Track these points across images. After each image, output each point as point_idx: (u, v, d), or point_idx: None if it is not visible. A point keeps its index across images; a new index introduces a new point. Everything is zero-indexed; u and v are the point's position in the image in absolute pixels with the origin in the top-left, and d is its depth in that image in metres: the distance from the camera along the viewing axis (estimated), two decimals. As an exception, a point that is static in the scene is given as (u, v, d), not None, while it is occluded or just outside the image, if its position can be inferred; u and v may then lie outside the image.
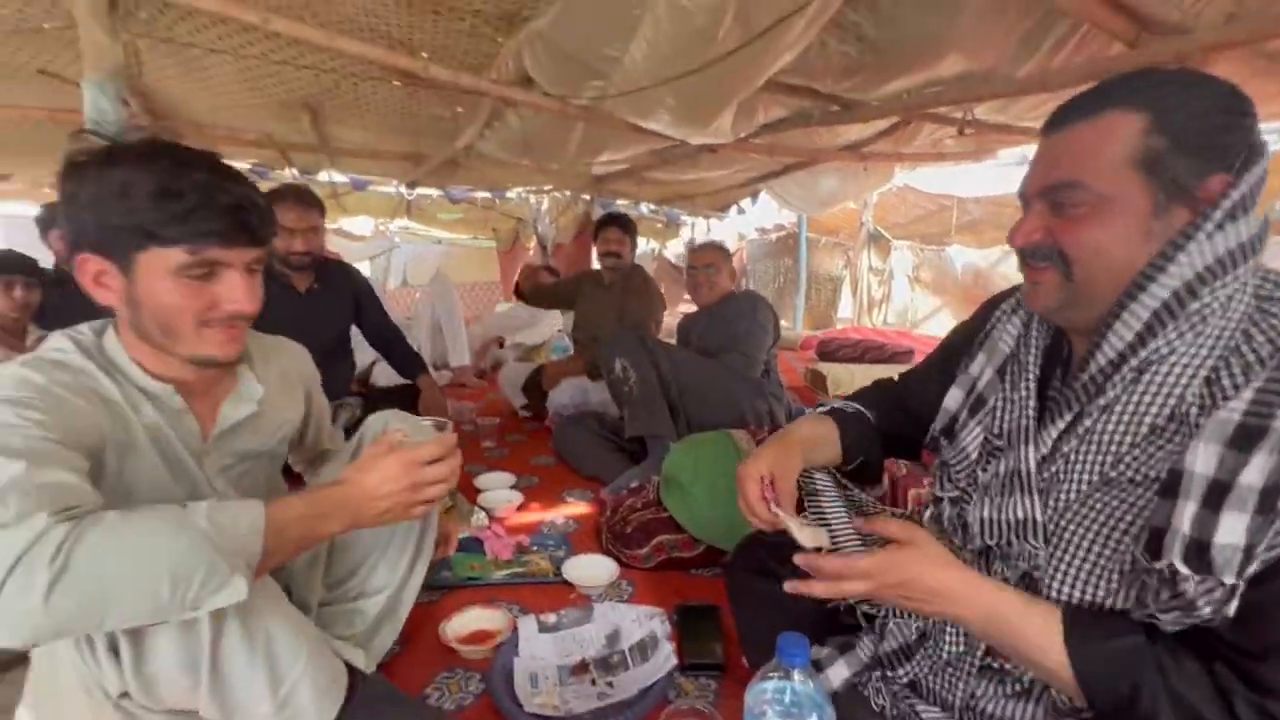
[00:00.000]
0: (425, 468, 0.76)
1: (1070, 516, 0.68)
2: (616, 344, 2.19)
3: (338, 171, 5.72)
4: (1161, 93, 0.64)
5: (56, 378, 0.75)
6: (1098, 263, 0.67)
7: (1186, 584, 0.57)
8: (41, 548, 0.55)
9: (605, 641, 1.07)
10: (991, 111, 3.07)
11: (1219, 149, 0.63)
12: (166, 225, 0.74)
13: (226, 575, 0.61)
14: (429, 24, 2.42)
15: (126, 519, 0.60)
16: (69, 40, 2.77)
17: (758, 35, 1.93)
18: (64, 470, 0.64)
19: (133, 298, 0.78)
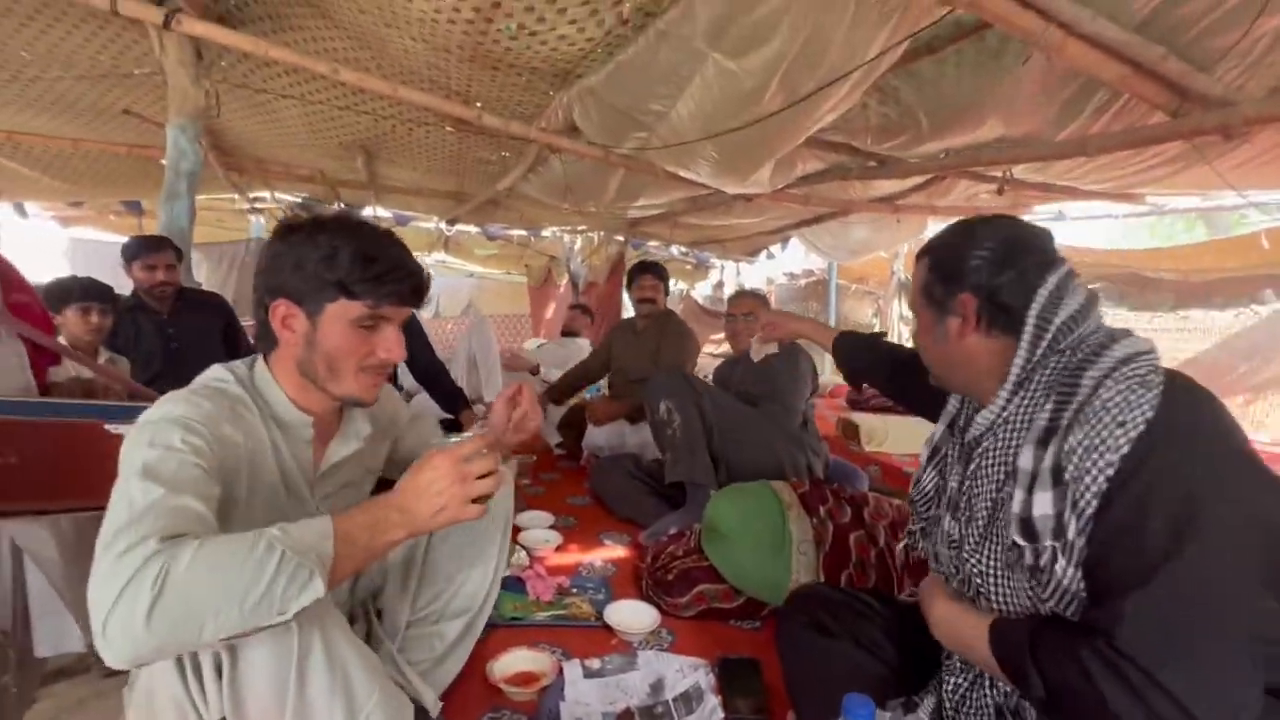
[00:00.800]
0: (469, 463, 0.79)
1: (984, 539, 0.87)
2: (663, 385, 2.15)
3: (383, 207, 5.98)
4: (937, 242, 0.96)
5: (220, 404, 0.85)
6: (925, 358, 0.99)
7: (1026, 554, 0.78)
8: (144, 574, 0.61)
9: (649, 690, 1.07)
10: (1029, 170, 3.11)
11: (958, 273, 0.90)
12: (361, 283, 0.87)
13: (305, 576, 0.67)
14: (487, 78, 2.56)
15: (210, 540, 0.66)
16: (154, 84, 3.00)
17: (801, 99, 2.02)
18: (195, 498, 0.71)
19: (311, 340, 0.89)
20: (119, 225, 6.63)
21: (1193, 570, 0.68)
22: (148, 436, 0.76)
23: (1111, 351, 0.80)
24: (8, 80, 2.84)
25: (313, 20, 2.47)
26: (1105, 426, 0.73)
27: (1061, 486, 0.75)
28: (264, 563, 0.65)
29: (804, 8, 1.61)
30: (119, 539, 0.64)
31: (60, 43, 2.59)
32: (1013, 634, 0.79)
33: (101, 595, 0.61)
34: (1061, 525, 0.75)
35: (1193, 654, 0.66)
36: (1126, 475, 0.71)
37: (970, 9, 1.48)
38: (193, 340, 2.49)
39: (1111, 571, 0.72)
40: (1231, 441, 0.75)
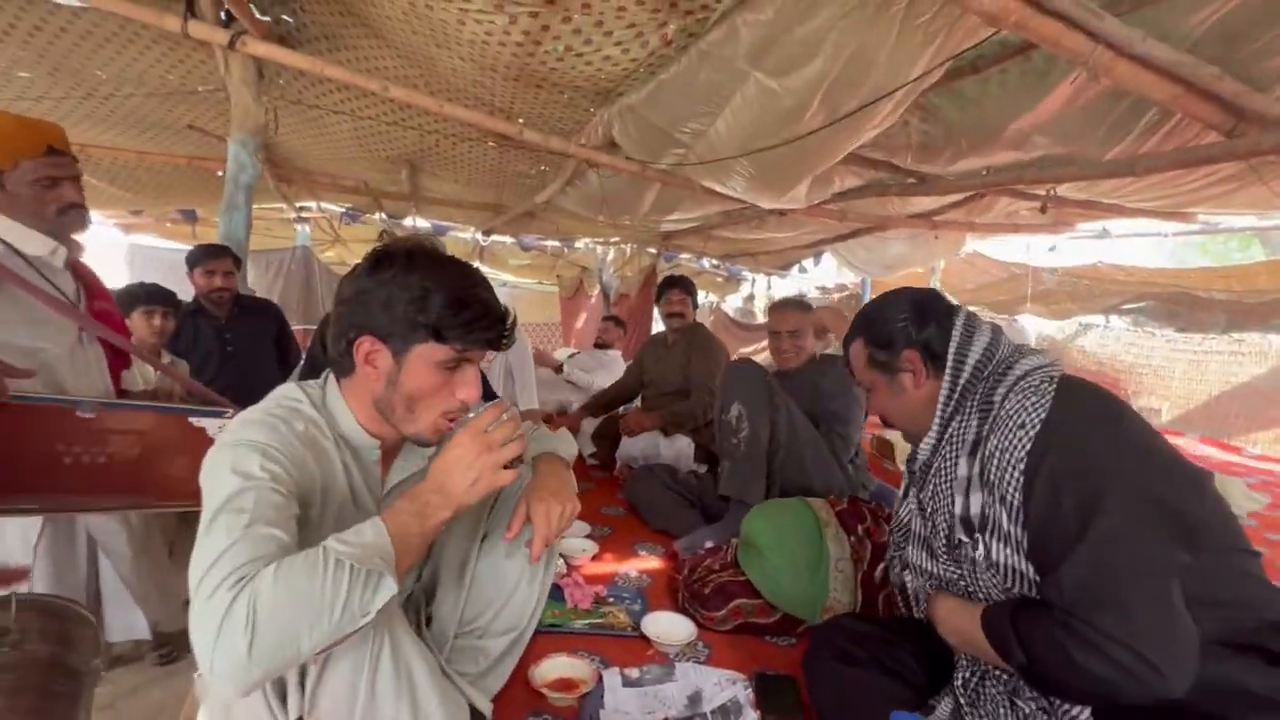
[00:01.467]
0: (491, 432, 0.82)
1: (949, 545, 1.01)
2: (739, 385, 1.93)
3: (422, 218, 6.14)
4: (866, 320, 1.17)
5: (295, 428, 0.87)
6: (890, 415, 1.17)
7: (967, 547, 0.95)
8: (234, 614, 0.65)
9: (687, 702, 1.09)
10: (1074, 188, 3.06)
11: (893, 336, 1.11)
12: (452, 329, 0.88)
13: (376, 579, 0.70)
14: (530, 96, 2.63)
15: (282, 569, 0.68)
16: (216, 101, 3.16)
17: (842, 117, 2.03)
18: (276, 526, 0.74)
19: (394, 379, 0.90)
20: (174, 232, 6.95)
21: (1105, 534, 0.80)
22: (229, 462, 0.79)
23: (1014, 370, 0.98)
24: (83, 97, 3.02)
25: (366, 40, 2.58)
26: (1010, 431, 0.90)
27: (989, 487, 0.91)
28: (337, 579, 0.69)
29: (848, 28, 1.63)
30: (206, 580, 0.68)
31: (133, 63, 2.75)
32: (998, 615, 0.91)
33: (202, 640, 0.65)
34: (986, 519, 0.92)
35: (1122, 601, 0.78)
36: (1034, 469, 0.87)
37: (1017, 30, 1.48)
38: (247, 344, 2.60)
39: (1047, 551, 0.86)
40: (1120, 426, 0.88)
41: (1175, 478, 0.86)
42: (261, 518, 0.74)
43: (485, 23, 1.92)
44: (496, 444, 0.82)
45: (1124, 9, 1.61)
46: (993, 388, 0.99)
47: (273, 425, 0.85)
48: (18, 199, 1.24)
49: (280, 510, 0.76)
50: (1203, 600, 0.80)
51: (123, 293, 2.27)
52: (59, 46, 2.56)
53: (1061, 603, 0.82)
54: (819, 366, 2.17)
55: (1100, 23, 1.46)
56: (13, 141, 1.22)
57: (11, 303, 1.20)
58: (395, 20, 2.20)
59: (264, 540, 0.72)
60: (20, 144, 1.22)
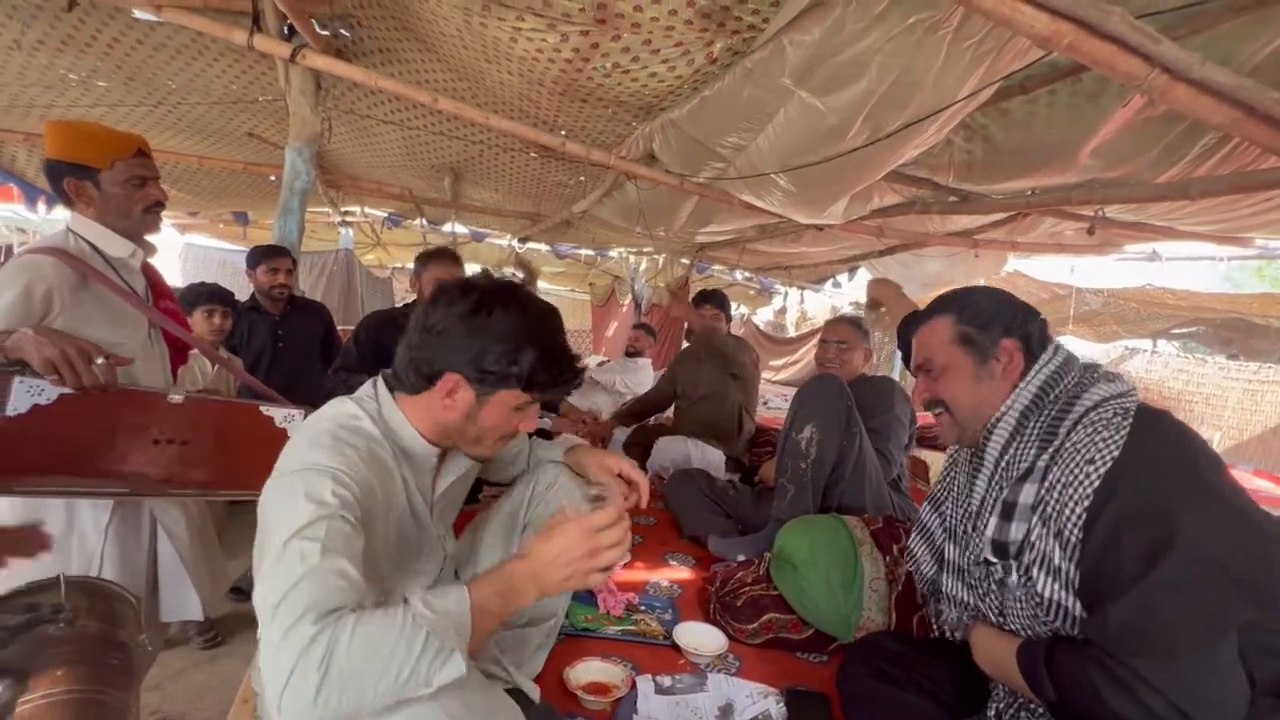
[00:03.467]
0: (600, 534, 0.82)
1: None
2: (818, 397, 1.81)
3: (461, 224, 6.29)
4: (957, 300, 1.09)
5: (359, 447, 0.89)
6: (957, 402, 1.06)
7: (996, 569, 0.95)
8: (310, 655, 0.66)
9: (719, 713, 1.09)
10: (1123, 209, 2.99)
11: (996, 320, 1.04)
12: (542, 383, 0.94)
13: (447, 653, 0.72)
14: (575, 109, 2.69)
15: (368, 620, 0.70)
16: (274, 110, 3.31)
17: (885, 136, 2.03)
18: (345, 558, 0.76)
19: (472, 415, 0.95)
20: (226, 233, 7.26)
21: (1162, 583, 0.76)
22: (301, 488, 0.80)
23: (1083, 398, 0.93)
24: (154, 105, 3.20)
25: (419, 54, 2.67)
26: (1078, 465, 0.86)
27: (1046, 520, 0.88)
28: (412, 641, 0.70)
29: (894, 50, 1.63)
30: (282, 611, 0.70)
31: (200, 74, 2.90)
32: (1034, 652, 0.89)
33: (274, 672, 0.67)
34: (1025, 547, 0.90)
35: (1167, 649, 0.75)
36: (1099, 508, 0.83)
37: (1069, 53, 1.46)
38: (298, 341, 2.71)
39: (1099, 589, 0.83)
40: (1195, 470, 0.83)
41: (1246, 534, 0.80)
42: (334, 549, 0.75)
43: (537, 40, 1.98)
44: (602, 548, 0.83)
45: (1181, 34, 1.58)
46: (1059, 415, 0.94)
47: (339, 448, 0.86)
48: (110, 198, 1.32)
49: (349, 542, 0.79)
50: (1262, 649, 0.77)
51: (186, 291, 2.40)
52: (135, 57, 2.72)
53: (1103, 641, 0.79)
54: (864, 383, 2.13)
55: (1157, 46, 1.43)
56: (109, 145, 1.31)
57: (95, 300, 1.29)
58: (448, 36, 2.28)
59: (337, 574, 0.74)
60: (115, 147, 1.32)
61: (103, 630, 0.70)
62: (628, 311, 8.72)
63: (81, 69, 2.83)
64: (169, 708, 1.84)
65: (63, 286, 1.23)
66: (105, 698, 0.65)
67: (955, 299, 1.10)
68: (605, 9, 1.76)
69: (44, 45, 2.58)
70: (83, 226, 1.33)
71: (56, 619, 0.67)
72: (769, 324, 10.67)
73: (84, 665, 0.65)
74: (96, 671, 0.65)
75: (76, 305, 1.25)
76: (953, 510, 1.13)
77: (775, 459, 2.01)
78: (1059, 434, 0.92)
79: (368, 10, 2.44)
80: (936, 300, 1.13)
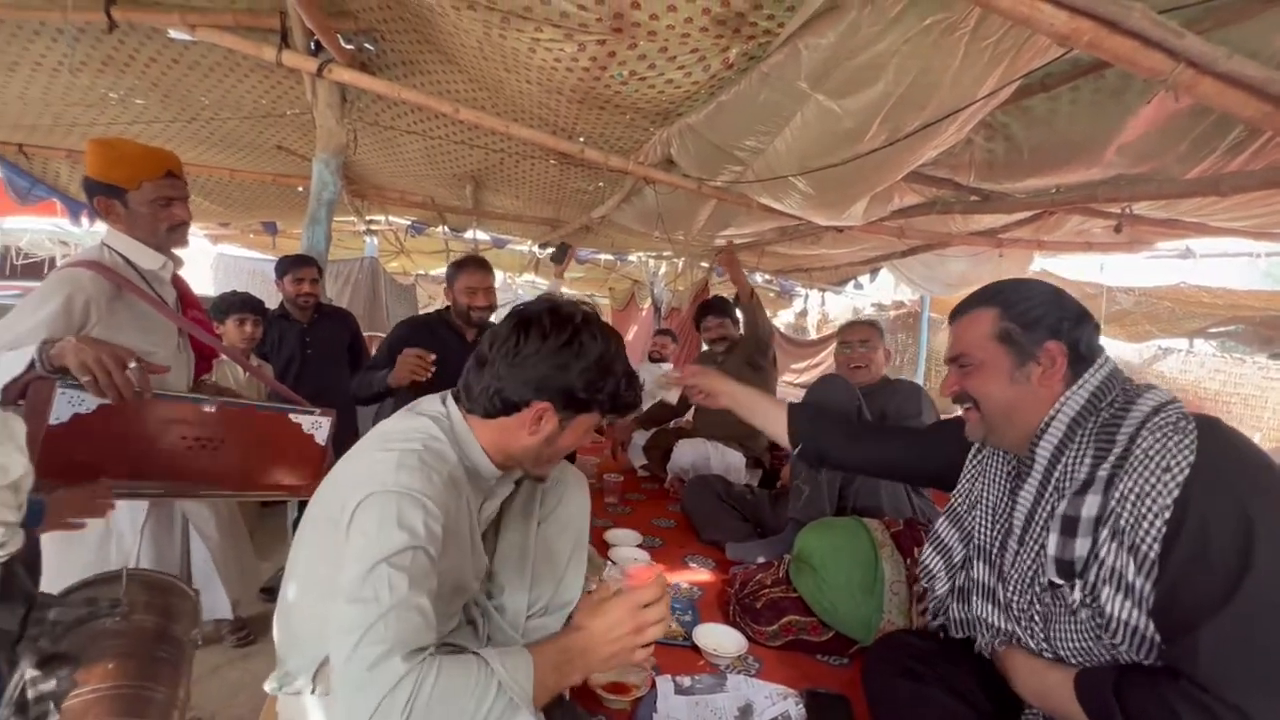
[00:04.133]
0: (645, 610, 0.84)
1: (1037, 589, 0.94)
2: (827, 398, 1.78)
3: (482, 231, 6.38)
4: (1005, 293, 1.01)
5: (442, 474, 0.90)
6: (988, 403, 1.00)
7: (1065, 591, 0.86)
8: (396, 696, 0.70)
9: (738, 713, 1.10)
10: (1152, 206, 2.92)
11: (1042, 321, 0.96)
12: (621, 404, 1.00)
13: (514, 710, 0.75)
14: (593, 116, 2.72)
15: (449, 671, 0.74)
16: (302, 124, 3.40)
17: (902, 137, 2.02)
18: (426, 595, 0.79)
19: (553, 439, 0.99)
20: (256, 242, 7.46)
21: (1261, 593, 0.70)
22: (394, 514, 0.81)
23: (1138, 404, 0.88)
24: (188, 120, 3.31)
25: (440, 66, 2.73)
26: (1153, 474, 0.79)
27: (1118, 534, 0.81)
28: (484, 694, 0.74)
29: (911, 52, 1.63)
30: (369, 641, 0.73)
31: (232, 90, 3.00)
32: (1098, 682, 0.81)
33: (356, 707, 0.70)
34: (1092, 564, 0.83)
35: (1274, 681, 0.68)
36: (1181, 516, 0.76)
37: (1090, 50, 1.45)
38: (325, 348, 2.79)
39: (1183, 609, 0.75)
40: (1273, 471, 0.79)
41: None
42: (419, 584, 0.79)
43: (555, 50, 2.01)
44: (648, 625, 0.84)
45: (1205, 27, 1.55)
46: (1113, 421, 0.88)
47: (427, 473, 0.88)
48: (137, 216, 1.40)
49: (429, 578, 0.82)
50: None
51: (219, 300, 2.48)
52: (171, 75, 2.83)
53: (1197, 674, 0.72)
54: (889, 387, 2.12)
55: (1180, 41, 1.41)
56: (138, 165, 1.39)
57: (129, 310, 1.37)
58: (469, 48, 2.33)
59: (420, 612, 0.77)
60: (144, 168, 1.39)
61: (158, 625, 0.74)
62: (647, 315, 8.74)
63: (120, 88, 2.94)
64: (203, 705, 1.90)
65: (100, 297, 1.31)
66: (152, 693, 0.68)
67: (1004, 291, 1.02)
68: (622, 18, 1.79)
69: (86, 66, 2.70)
70: (116, 240, 1.41)
71: (114, 613, 0.70)
72: (789, 326, 10.60)
73: (134, 660, 0.68)
74: (146, 666, 0.69)
75: (111, 315, 1.32)
76: (983, 527, 1.06)
77: (789, 461, 2.00)
78: (1117, 441, 0.86)
79: (391, 24, 2.50)
80: (984, 290, 1.05)
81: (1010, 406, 0.98)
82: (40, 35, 2.47)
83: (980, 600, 1.03)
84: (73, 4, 2.19)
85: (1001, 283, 1.05)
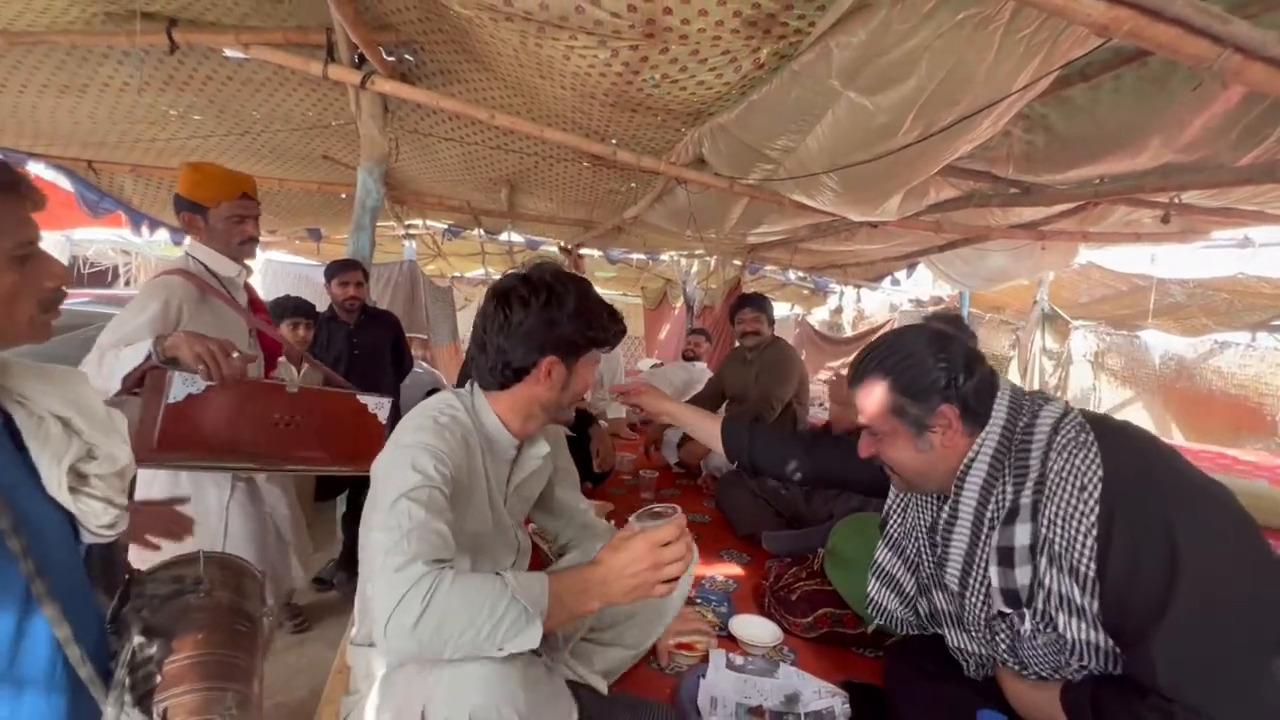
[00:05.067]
0: (664, 548, 0.88)
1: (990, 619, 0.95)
2: None
3: (517, 233, 6.50)
4: (892, 359, 1.00)
5: (456, 434, 1.03)
6: (900, 470, 1.03)
7: (1014, 619, 0.89)
8: (417, 590, 0.78)
9: (784, 700, 1.13)
10: (1205, 195, 2.82)
11: (932, 388, 0.96)
12: (608, 335, 1.11)
13: (524, 624, 0.80)
14: (625, 119, 2.76)
15: (466, 578, 0.81)
16: (345, 133, 3.53)
17: (936, 132, 2.00)
18: (443, 522, 0.89)
19: (567, 384, 1.10)
20: (301, 248, 7.74)
21: (1195, 592, 0.72)
22: (409, 459, 0.94)
23: (1040, 423, 0.89)
24: (241, 134, 3.48)
25: (477, 74, 2.81)
26: (1072, 494, 0.82)
27: (1054, 559, 0.82)
28: (497, 603, 0.80)
29: (944, 47, 1.62)
30: (394, 553, 0.82)
31: (281, 103, 3.14)
32: (1078, 695, 0.85)
33: (384, 601, 0.79)
34: (1037, 592, 0.85)
35: (1237, 681, 0.69)
36: (1108, 531, 0.79)
37: (1130, 38, 1.42)
38: (370, 349, 2.91)
39: (1131, 619, 0.77)
40: (1174, 465, 0.82)
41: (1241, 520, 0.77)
42: (435, 513, 0.89)
43: (589, 56, 2.06)
44: (665, 561, 0.89)
45: (1253, 12, 1.51)
46: (1024, 444, 0.91)
47: (440, 432, 1.00)
48: (214, 230, 1.60)
49: (444, 512, 0.92)
50: None
51: (274, 305, 2.63)
52: (225, 92, 2.98)
53: (1158, 683, 0.73)
54: None
55: (1226, 26, 1.38)
56: (218, 187, 1.58)
57: (210, 311, 1.55)
58: (505, 56, 2.40)
59: (436, 534, 0.87)
60: (223, 189, 1.59)
61: (234, 601, 0.81)
62: (680, 314, 8.77)
63: (180, 105, 3.11)
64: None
65: (189, 300, 1.50)
66: (237, 660, 0.76)
67: (888, 357, 1.02)
68: (654, 24, 1.82)
69: (149, 86, 2.87)
70: (197, 250, 1.61)
71: (197, 590, 0.78)
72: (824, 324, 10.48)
73: (219, 631, 0.76)
74: (229, 637, 0.76)
75: (197, 315, 1.51)
76: (926, 559, 1.08)
77: None
78: (1030, 465, 0.89)
79: (430, 36, 2.59)
80: (872, 353, 1.05)
81: (922, 469, 1.01)
82: (108, 58, 2.63)
83: (951, 630, 1.04)
84: (139, 29, 2.34)
85: (887, 343, 1.05)
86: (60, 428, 0.71)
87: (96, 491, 0.72)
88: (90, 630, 0.71)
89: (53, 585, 0.65)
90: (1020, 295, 7.30)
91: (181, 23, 2.42)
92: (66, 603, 0.66)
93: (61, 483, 0.69)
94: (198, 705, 0.70)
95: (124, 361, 1.29)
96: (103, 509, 0.72)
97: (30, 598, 0.64)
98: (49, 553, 0.66)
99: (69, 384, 0.74)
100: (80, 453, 0.71)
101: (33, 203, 0.70)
